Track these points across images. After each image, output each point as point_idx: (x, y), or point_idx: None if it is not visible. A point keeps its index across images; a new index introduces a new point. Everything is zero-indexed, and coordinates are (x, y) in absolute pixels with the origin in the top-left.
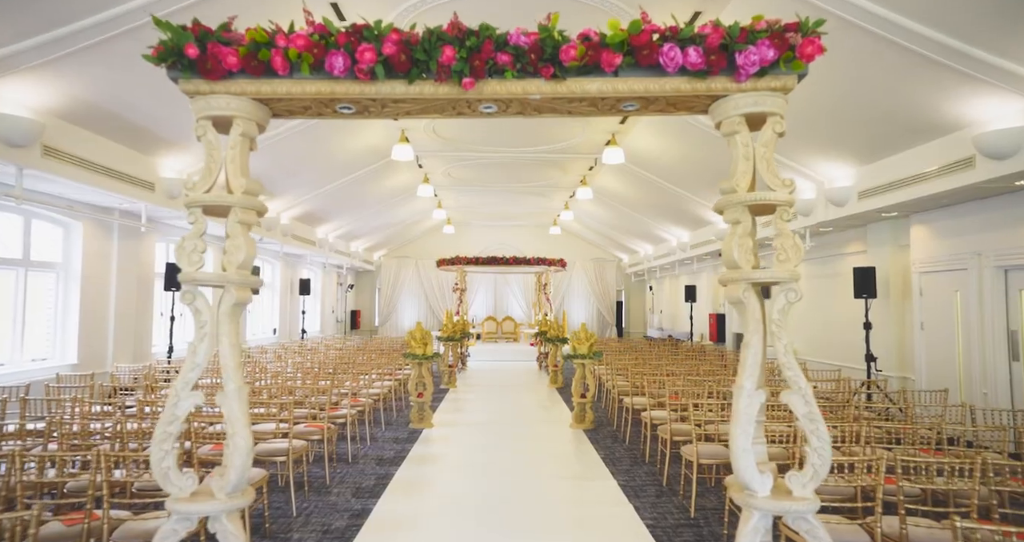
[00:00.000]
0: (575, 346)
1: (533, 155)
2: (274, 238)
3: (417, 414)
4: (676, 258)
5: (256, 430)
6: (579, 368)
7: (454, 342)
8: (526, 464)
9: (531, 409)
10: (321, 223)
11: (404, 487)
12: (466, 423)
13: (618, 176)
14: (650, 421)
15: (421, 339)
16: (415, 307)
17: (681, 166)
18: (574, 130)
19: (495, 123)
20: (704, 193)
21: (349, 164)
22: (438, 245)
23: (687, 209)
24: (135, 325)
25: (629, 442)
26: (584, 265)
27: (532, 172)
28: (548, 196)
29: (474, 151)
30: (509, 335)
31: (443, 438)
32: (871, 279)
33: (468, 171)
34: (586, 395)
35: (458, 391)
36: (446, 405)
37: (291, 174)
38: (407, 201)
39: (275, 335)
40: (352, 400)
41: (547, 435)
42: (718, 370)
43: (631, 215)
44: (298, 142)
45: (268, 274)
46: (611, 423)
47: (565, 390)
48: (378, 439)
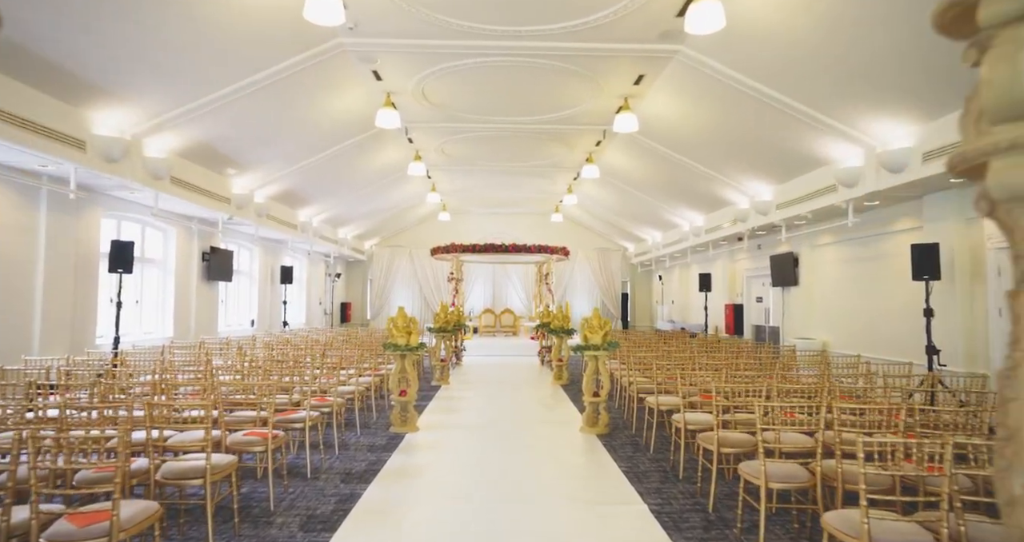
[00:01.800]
0: (586, 335)
1: (535, 126)
2: (246, 218)
3: (399, 416)
4: (689, 244)
5: (179, 441)
6: (591, 361)
7: (447, 334)
8: (530, 481)
9: (534, 409)
10: (303, 205)
11: (370, 515)
12: (457, 426)
13: (628, 151)
14: (684, 427)
15: (404, 327)
16: (409, 299)
17: (701, 136)
18: (582, 94)
19: (491, 88)
20: (726, 168)
21: (330, 134)
22: (433, 234)
23: (704, 188)
24: (73, 312)
25: (654, 451)
26: (587, 255)
27: (533, 148)
28: (550, 178)
29: (468, 122)
30: (508, 329)
31: (428, 445)
32: (933, 258)
33: (463, 147)
34: (599, 393)
35: (451, 388)
36: (436, 404)
37: (261, 143)
38: (398, 183)
39: (253, 327)
40: (318, 399)
41: (554, 441)
42: (754, 364)
43: (640, 198)
44: (265, 101)
45: (245, 260)
46: (629, 426)
47: (571, 387)
48: (349, 447)
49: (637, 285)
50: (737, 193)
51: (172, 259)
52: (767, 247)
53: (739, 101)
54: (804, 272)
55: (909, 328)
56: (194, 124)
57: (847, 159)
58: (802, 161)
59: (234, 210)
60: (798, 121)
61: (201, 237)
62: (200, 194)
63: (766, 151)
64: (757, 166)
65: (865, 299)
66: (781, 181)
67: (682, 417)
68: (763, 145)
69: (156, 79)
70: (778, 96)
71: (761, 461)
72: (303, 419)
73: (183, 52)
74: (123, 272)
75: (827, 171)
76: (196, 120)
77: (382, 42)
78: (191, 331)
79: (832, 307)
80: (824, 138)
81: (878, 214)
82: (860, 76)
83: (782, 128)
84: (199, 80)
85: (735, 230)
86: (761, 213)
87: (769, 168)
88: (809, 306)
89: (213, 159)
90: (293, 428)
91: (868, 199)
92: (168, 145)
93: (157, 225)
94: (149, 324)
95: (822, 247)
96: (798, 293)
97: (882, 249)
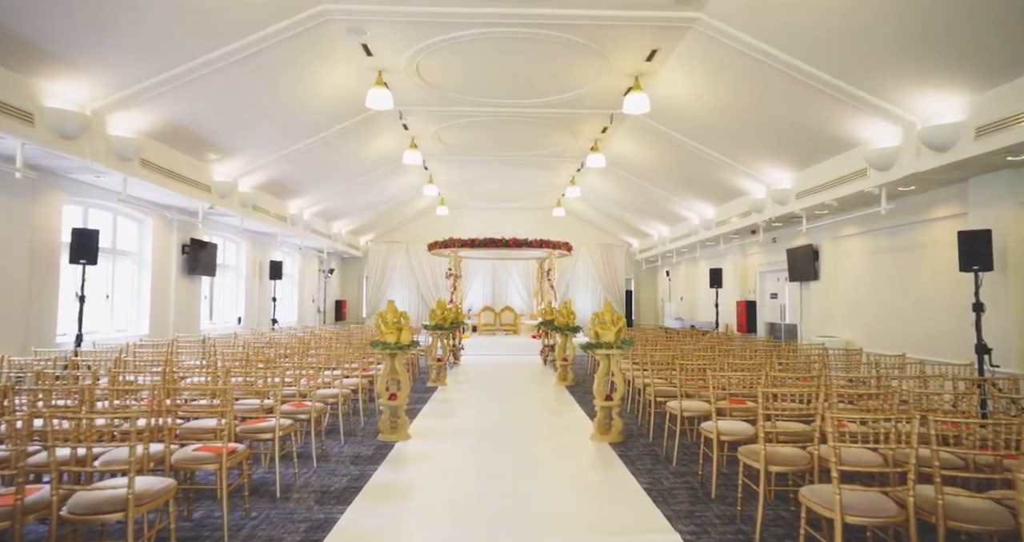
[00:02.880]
0: (597, 332)
1: (537, 110)
2: (230, 208)
3: (388, 422)
4: (698, 238)
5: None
6: (603, 361)
7: (444, 332)
8: (537, 503)
9: (538, 413)
10: (293, 196)
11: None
12: (454, 433)
13: (636, 138)
14: (717, 437)
15: (394, 322)
16: (406, 297)
17: (716, 118)
18: (589, 72)
19: (491, 65)
20: (742, 154)
21: (319, 117)
22: (431, 229)
23: (716, 177)
24: (29, 306)
25: (677, 463)
26: (590, 251)
27: (535, 136)
28: (553, 169)
29: (466, 105)
30: (508, 327)
31: (420, 456)
32: (985, 246)
33: (461, 134)
34: (612, 397)
35: (447, 390)
36: (431, 408)
37: (243, 125)
38: (394, 174)
39: (240, 325)
40: (294, 405)
41: (563, 451)
42: (784, 364)
43: (647, 189)
44: (245, 77)
45: (231, 254)
46: (644, 434)
47: (577, 388)
48: (330, 458)
49: (642, 282)
50: (753, 182)
51: (148, 251)
52: (783, 240)
53: (762, 76)
54: (825, 266)
55: (952, 324)
56: (165, 100)
57: (881, 139)
58: (828, 143)
59: (216, 199)
60: (827, 97)
61: (181, 228)
62: (176, 180)
63: (788, 133)
64: (777, 151)
65: (896, 293)
66: (802, 167)
67: (714, 426)
68: (785, 127)
69: (119, 46)
70: (807, 68)
71: (835, 488)
72: (271, 429)
73: (150, 15)
74: (87, 263)
75: (857, 154)
76: (167, 96)
77: (371, 10)
78: (170, 329)
79: (857, 303)
80: (855, 116)
81: (912, 201)
82: (900, 43)
83: (808, 106)
84: (169, 49)
85: (749, 222)
86: (779, 203)
87: (790, 153)
88: (831, 302)
89: (190, 142)
90: (261, 439)
91: (904, 184)
92: (136, 123)
93: (131, 214)
94: (122, 321)
95: (845, 238)
96: (818, 288)
97: (917, 239)
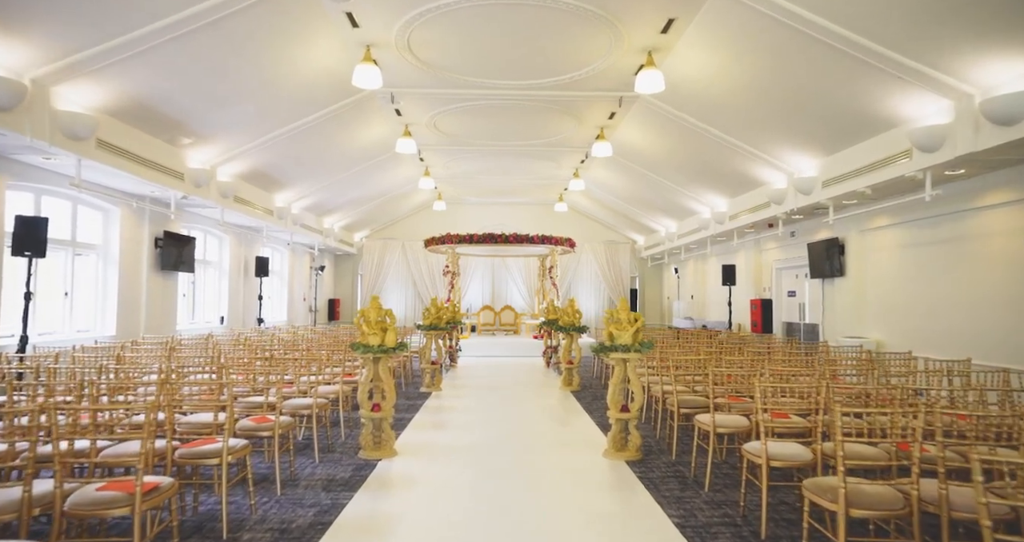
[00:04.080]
0: (611, 332)
1: (540, 92)
2: (208, 199)
3: (371, 437)
4: (709, 233)
5: None
6: (618, 367)
7: (439, 332)
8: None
9: (542, 423)
10: (279, 188)
11: None
12: (447, 449)
13: (646, 123)
14: (767, 463)
15: (378, 322)
16: (403, 296)
17: (736, 99)
18: (598, 47)
19: (489, 37)
20: (762, 139)
21: (302, 99)
22: (428, 225)
23: (732, 166)
24: None
25: (711, 488)
26: (594, 248)
27: (537, 123)
28: (556, 160)
29: (463, 86)
30: (509, 327)
31: (406, 479)
32: None
33: (458, 121)
34: (629, 408)
35: (442, 396)
36: (423, 417)
37: (218, 106)
38: (388, 166)
39: (223, 324)
40: (256, 420)
41: (574, 472)
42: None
43: (655, 181)
44: (214, 47)
45: (213, 249)
46: (666, 450)
47: (583, 394)
48: (299, 483)
49: (647, 280)
50: (773, 171)
51: (115, 244)
52: (803, 234)
53: (791, 46)
54: (852, 261)
55: (1013, 324)
56: (124, 72)
57: (928, 116)
58: (864, 123)
59: (190, 188)
60: (865, 69)
61: (154, 220)
62: (142, 165)
63: (817, 114)
64: (803, 135)
65: (936, 290)
66: (830, 152)
67: (763, 451)
68: (814, 106)
69: (65, 4)
70: (843, 32)
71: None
72: (217, 453)
73: None
74: (33, 256)
75: (898, 134)
76: (126, 66)
77: None
78: (140, 329)
79: (888, 300)
80: (899, 90)
81: (959, 187)
82: (955, 1)
83: (843, 81)
84: (124, 8)
85: (767, 215)
86: (803, 192)
87: (818, 136)
88: (858, 300)
89: (158, 123)
90: (207, 464)
91: (952, 166)
92: (90, 98)
93: (93, 202)
94: (84, 321)
95: (876, 231)
96: (843, 285)
97: (964, 229)
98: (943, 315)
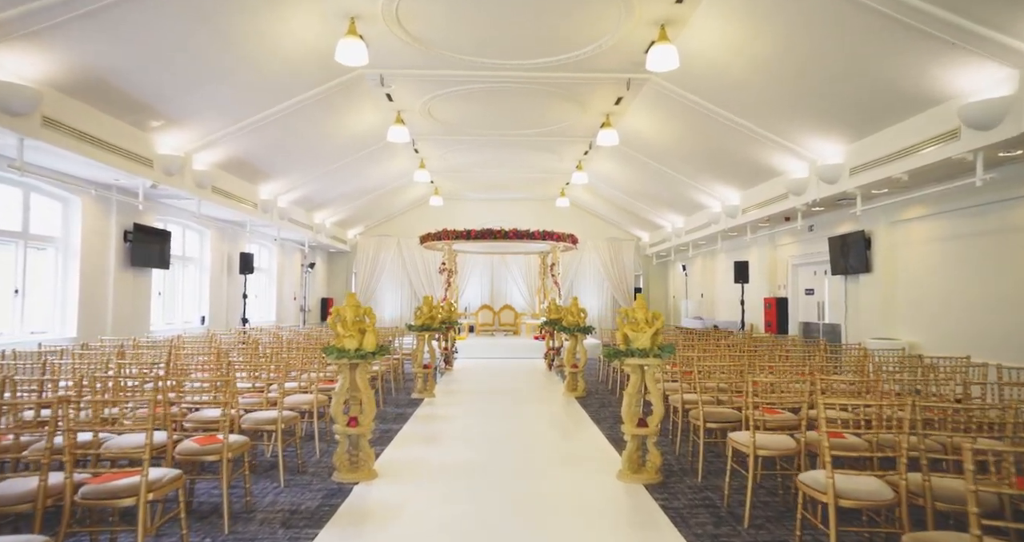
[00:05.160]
0: (627, 334)
1: (543, 74)
2: (181, 188)
3: (347, 457)
4: (719, 228)
5: None
6: (634, 375)
7: (433, 334)
8: None
9: (546, 436)
10: (264, 179)
11: None
12: (435, 470)
13: (655, 110)
14: (835, 501)
15: (354, 322)
16: (398, 294)
17: (757, 81)
18: (606, 22)
19: (486, 15)
20: (782, 124)
21: (283, 80)
22: (424, 222)
23: (748, 155)
24: None
25: (751, 522)
26: (597, 245)
27: (539, 109)
28: (557, 151)
29: (458, 67)
30: (508, 327)
31: (385, 509)
32: None
33: (453, 108)
34: (647, 422)
35: (435, 403)
36: (411, 430)
37: (188, 85)
38: (380, 156)
39: (204, 324)
40: (201, 440)
41: (584, 499)
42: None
43: (663, 173)
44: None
45: (193, 244)
46: (689, 471)
47: (590, 401)
48: (254, 515)
49: (651, 279)
50: (793, 159)
51: (76, 238)
52: (823, 227)
53: (820, 16)
54: (879, 255)
55: None
56: (68, 36)
57: (984, 89)
58: (902, 101)
59: (160, 176)
60: (911, 37)
61: (123, 212)
62: (101, 149)
63: (847, 93)
64: (829, 117)
65: (984, 287)
66: (859, 136)
67: (829, 485)
68: (844, 84)
69: None
70: None
71: None
72: (133, 490)
73: None
74: None
75: (943, 112)
76: (70, 30)
77: None
78: (107, 330)
79: (923, 299)
80: (948, 60)
81: (1012, 170)
82: None
83: (881, 52)
84: None
85: (784, 207)
86: (828, 181)
87: (846, 118)
88: (887, 298)
89: (119, 102)
90: (120, 505)
91: (1010, 146)
92: (29, 69)
93: (49, 190)
94: (39, 321)
95: (908, 222)
96: (870, 282)
97: (1015, 219)
98: (990, 314)
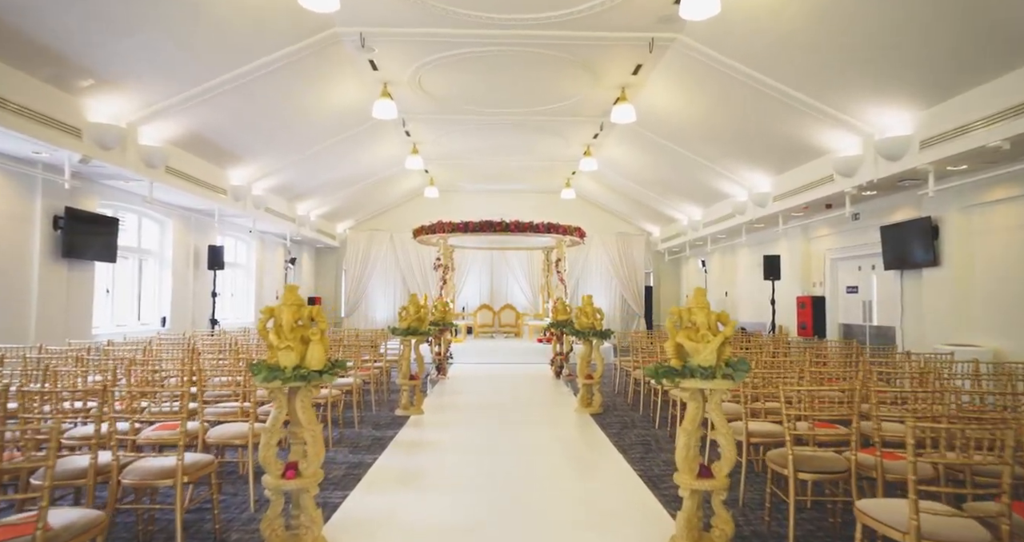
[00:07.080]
0: (680, 346)
1: (549, 33)
2: (124, 167)
3: (280, 524)
4: (745, 219)
5: None
6: (692, 402)
7: (421, 338)
8: None
9: (559, 472)
10: (234, 162)
11: None
12: (413, 535)
13: (679, 79)
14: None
15: (295, 328)
16: (391, 293)
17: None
18: None
19: None
20: (835, 94)
21: (246, 36)
22: (418, 215)
23: (786, 132)
24: None
25: None
26: (604, 240)
27: (545, 82)
28: (564, 134)
29: (451, 26)
30: (509, 328)
31: None
32: None
33: (447, 79)
34: (711, 471)
35: (422, 423)
36: (387, 462)
37: (121, 29)
38: (367, 139)
39: (165, 326)
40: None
41: None
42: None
43: (681, 156)
44: None
45: (151, 235)
46: (775, 536)
47: (609, 419)
48: None
49: (662, 277)
50: (844, 133)
51: None
52: (870, 215)
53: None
54: (950, 247)
55: None
56: None
57: None
58: (998, 54)
59: (94, 150)
60: None
61: (51, 194)
62: (9, 112)
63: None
64: (896, 78)
65: None
66: (933, 102)
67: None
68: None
69: None
70: None
71: None
72: None
73: None
74: None
75: None
76: None
77: None
78: (30, 335)
79: (1010, 297)
80: None
81: None
82: None
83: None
84: None
85: (830, 192)
86: (890, 158)
87: (921, 78)
88: (961, 297)
89: (30, 53)
90: None
91: None
92: None
93: None
94: None
95: (988, 206)
96: (937, 278)
97: None
98: None
